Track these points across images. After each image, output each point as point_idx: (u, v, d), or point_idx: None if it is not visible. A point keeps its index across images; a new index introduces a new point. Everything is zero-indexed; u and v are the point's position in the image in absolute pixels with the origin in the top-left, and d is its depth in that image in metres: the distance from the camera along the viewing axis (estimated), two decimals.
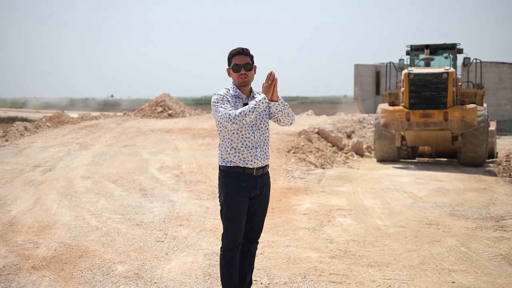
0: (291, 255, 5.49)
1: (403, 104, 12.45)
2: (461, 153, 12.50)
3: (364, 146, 15.47)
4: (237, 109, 3.77)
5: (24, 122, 19.09)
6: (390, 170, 11.87)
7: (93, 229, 6.38)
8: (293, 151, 12.18)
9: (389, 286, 4.65)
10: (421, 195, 8.60)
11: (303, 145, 12.71)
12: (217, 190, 4.20)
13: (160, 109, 22.11)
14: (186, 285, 4.66)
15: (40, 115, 26.28)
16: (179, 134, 15.40)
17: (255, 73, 3.94)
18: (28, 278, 4.78)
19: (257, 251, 5.52)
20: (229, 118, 3.65)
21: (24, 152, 12.42)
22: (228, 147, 3.82)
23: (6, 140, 15.02)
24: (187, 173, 9.92)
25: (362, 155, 14.75)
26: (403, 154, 13.84)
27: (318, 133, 15.03)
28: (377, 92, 21.03)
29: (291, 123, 3.98)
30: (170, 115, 21.60)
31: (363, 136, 17.23)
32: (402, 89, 12.54)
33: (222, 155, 3.86)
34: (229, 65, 3.90)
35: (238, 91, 3.87)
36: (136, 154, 11.96)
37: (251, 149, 3.80)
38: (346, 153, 14.21)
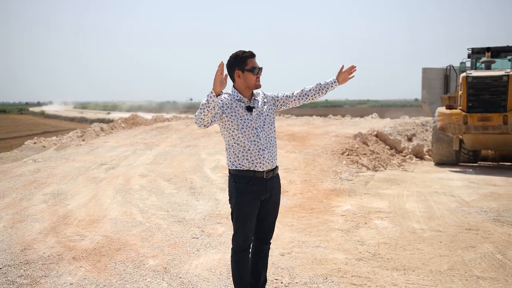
0: (317, 256, 5.51)
1: (460, 107, 12.21)
2: None
3: (425, 149, 15.14)
4: (238, 112, 3.76)
5: (101, 123, 20.31)
6: (445, 173, 11.56)
7: (136, 224, 6.75)
8: (346, 153, 12.13)
9: None
10: (468, 200, 8.33)
11: (357, 148, 12.64)
12: None
13: None
14: (209, 281, 4.82)
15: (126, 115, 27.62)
16: None
17: None
18: (67, 267, 5.16)
19: (285, 251, 5.69)
20: (195, 120, 3.65)
21: (95, 151, 13.23)
22: (235, 150, 3.77)
23: (83, 140, 16.13)
24: None
25: (421, 158, 14.47)
26: (463, 158, 13.46)
27: (376, 135, 14.90)
28: None
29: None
30: None
31: (424, 139, 16.85)
32: (460, 92, 12.29)
33: (230, 158, 3.81)
34: (240, 68, 3.74)
35: (240, 95, 3.79)
36: (195, 154, 12.39)
37: (258, 151, 3.73)
38: (404, 156, 13.99)
